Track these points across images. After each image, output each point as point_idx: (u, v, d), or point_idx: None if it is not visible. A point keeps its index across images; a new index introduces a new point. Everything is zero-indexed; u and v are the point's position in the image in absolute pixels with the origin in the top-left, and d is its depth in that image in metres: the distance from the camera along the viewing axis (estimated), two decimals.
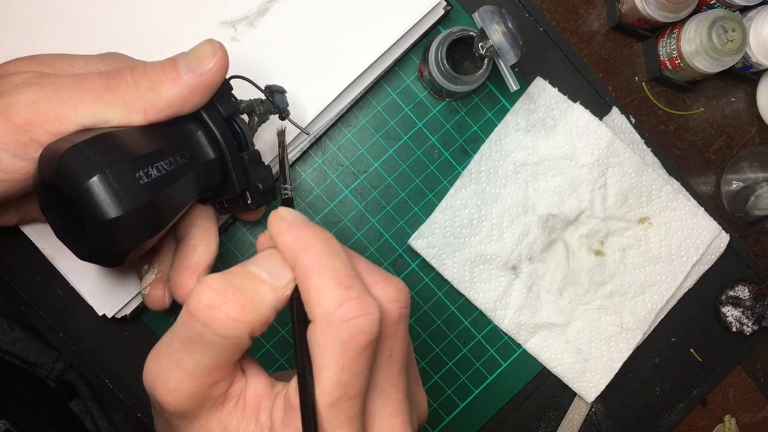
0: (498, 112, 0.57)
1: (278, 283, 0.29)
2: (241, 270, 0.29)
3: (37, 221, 0.48)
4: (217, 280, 0.28)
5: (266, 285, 0.29)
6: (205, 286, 0.27)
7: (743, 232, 0.62)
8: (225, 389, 0.30)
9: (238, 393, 0.30)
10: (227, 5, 0.51)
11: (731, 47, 0.54)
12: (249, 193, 0.42)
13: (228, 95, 0.41)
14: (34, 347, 0.63)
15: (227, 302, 0.27)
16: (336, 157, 0.56)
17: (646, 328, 0.58)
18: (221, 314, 0.27)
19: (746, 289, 0.60)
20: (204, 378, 0.28)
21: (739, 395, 0.63)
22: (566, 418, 0.59)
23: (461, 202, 0.56)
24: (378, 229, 0.56)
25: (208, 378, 0.28)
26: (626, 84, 0.60)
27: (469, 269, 0.56)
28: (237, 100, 0.41)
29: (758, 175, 0.60)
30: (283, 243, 0.29)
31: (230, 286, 0.28)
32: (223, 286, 0.27)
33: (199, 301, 0.27)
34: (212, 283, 0.27)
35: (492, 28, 0.46)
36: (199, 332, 0.27)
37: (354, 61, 0.51)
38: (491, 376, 0.58)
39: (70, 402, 0.66)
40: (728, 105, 0.62)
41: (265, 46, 0.51)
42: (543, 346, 0.58)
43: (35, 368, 0.63)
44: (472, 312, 0.58)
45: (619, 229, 0.58)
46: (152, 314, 0.54)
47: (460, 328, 0.58)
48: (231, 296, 0.27)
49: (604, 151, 0.56)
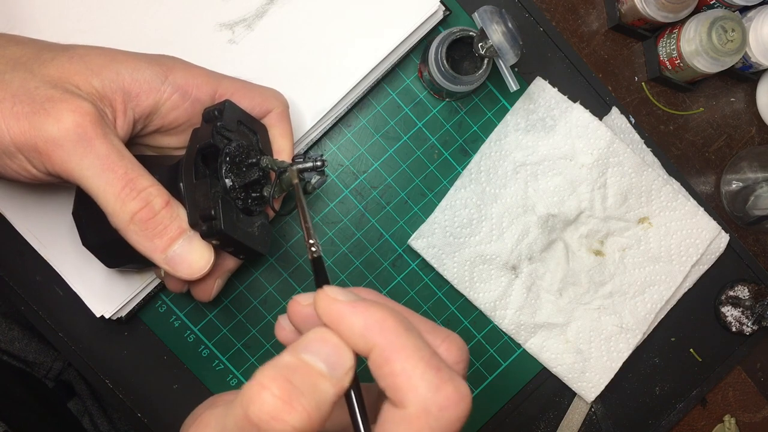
0: (498, 112, 0.57)
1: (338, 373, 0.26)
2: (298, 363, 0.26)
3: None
4: (279, 384, 0.24)
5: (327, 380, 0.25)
6: (267, 392, 0.24)
7: (743, 232, 0.62)
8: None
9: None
10: (225, 7, 0.51)
11: (731, 47, 0.54)
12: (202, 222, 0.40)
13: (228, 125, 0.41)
14: (33, 346, 0.63)
15: (293, 412, 0.24)
16: (336, 157, 0.56)
17: (645, 328, 0.58)
18: (287, 426, 0.24)
19: (746, 289, 0.60)
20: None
21: (738, 395, 0.63)
22: (566, 418, 0.59)
23: (461, 202, 0.56)
24: (378, 229, 0.56)
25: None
26: (626, 84, 0.60)
27: (468, 269, 0.56)
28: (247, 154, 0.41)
29: (758, 175, 0.60)
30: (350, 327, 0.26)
31: (293, 390, 0.24)
32: (286, 391, 0.24)
33: (261, 410, 0.24)
34: (273, 386, 0.24)
35: (492, 28, 0.46)
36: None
37: (352, 68, 0.51)
38: (491, 376, 0.58)
39: (69, 402, 0.66)
40: (728, 105, 0.62)
41: (263, 49, 0.51)
42: (543, 346, 0.58)
43: (33, 368, 0.63)
44: (472, 312, 0.58)
45: (619, 229, 0.58)
46: (152, 314, 0.54)
47: (460, 328, 0.58)
48: (296, 404, 0.24)
49: (604, 151, 0.56)
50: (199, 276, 0.40)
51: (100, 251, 0.45)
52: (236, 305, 0.55)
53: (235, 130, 0.41)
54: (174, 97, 0.41)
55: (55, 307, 0.53)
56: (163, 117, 0.42)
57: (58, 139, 0.36)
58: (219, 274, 0.45)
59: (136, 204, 0.38)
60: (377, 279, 0.57)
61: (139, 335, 0.54)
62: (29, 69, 0.37)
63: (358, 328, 0.26)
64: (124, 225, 0.38)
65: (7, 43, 0.39)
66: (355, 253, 0.56)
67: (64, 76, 0.38)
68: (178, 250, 0.39)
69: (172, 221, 0.39)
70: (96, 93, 0.39)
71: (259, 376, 0.25)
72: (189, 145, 0.41)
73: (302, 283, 0.56)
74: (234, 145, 0.41)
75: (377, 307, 0.27)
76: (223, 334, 0.55)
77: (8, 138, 0.36)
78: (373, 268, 0.56)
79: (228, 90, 0.43)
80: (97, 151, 0.37)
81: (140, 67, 0.40)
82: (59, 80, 0.37)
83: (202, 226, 0.39)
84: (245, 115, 0.43)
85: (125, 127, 0.40)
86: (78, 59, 0.39)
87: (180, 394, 0.55)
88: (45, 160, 0.37)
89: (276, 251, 0.56)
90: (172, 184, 0.40)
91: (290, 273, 0.56)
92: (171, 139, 0.44)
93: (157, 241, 0.39)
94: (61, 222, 0.50)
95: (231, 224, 0.39)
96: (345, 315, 0.27)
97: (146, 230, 0.38)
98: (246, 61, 0.51)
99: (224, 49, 0.51)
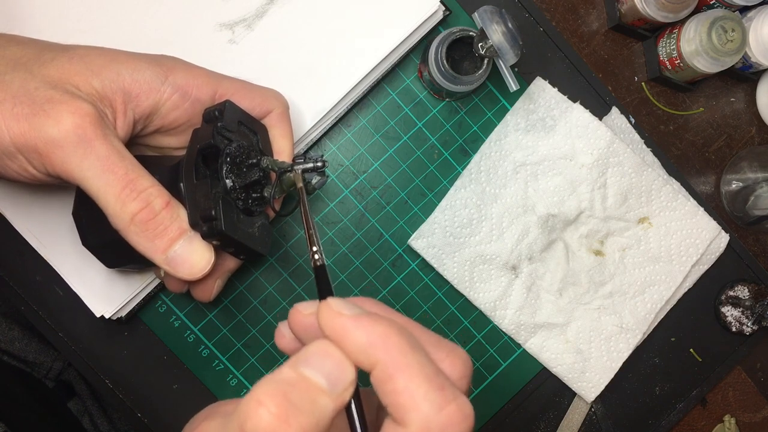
0: (498, 112, 0.57)
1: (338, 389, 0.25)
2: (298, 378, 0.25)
3: None
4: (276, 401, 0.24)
5: (327, 396, 0.25)
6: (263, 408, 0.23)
7: (743, 232, 0.62)
8: None
9: None
10: (225, 7, 0.51)
11: (731, 47, 0.54)
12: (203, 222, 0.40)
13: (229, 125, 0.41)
14: (33, 346, 0.63)
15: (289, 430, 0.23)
16: (336, 157, 0.56)
17: (645, 328, 0.58)
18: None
19: (746, 289, 0.60)
20: None
21: (738, 395, 0.63)
22: (566, 418, 0.59)
23: (461, 202, 0.56)
24: (378, 229, 0.56)
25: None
26: (626, 84, 0.60)
27: (468, 269, 0.56)
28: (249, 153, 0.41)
29: (758, 175, 0.60)
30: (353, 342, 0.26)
31: (290, 408, 0.24)
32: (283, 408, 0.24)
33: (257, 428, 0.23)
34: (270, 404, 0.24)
35: (492, 28, 0.46)
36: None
37: (352, 68, 0.51)
38: (491, 376, 0.58)
39: (69, 402, 0.66)
40: (728, 105, 0.62)
41: (263, 49, 0.51)
42: (543, 346, 0.58)
43: (33, 368, 0.63)
44: (472, 312, 0.58)
45: (619, 229, 0.58)
46: (152, 314, 0.54)
47: (460, 328, 0.58)
48: (293, 421, 0.23)
49: (604, 151, 0.56)
50: (200, 276, 0.40)
51: (100, 251, 0.45)
52: (236, 305, 0.55)
53: (235, 130, 0.41)
54: (174, 97, 0.41)
55: (55, 307, 0.53)
56: (164, 117, 0.42)
57: (58, 140, 0.36)
58: (219, 274, 0.45)
59: (137, 205, 0.38)
60: (377, 279, 0.57)
61: (139, 335, 0.54)
62: (29, 69, 0.37)
63: (361, 343, 0.26)
64: (124, 226, 0.38)
65: (8, 43, 0.39)
66: (355, 253, 0.56)
67: (64, 76, 0.38)
68: (178, 250, 0.39)
69: (172, 222, 0.39)
70: (96, 93, 0.39)
71: (257, 392, 0.24)
72: (189, 146, 0.41)
73: (302, 284, 0.56)
74: (234, 145, 0.41)
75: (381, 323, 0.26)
76: (223, 334, 0.55)
77: (8, 139, 0.36)
78: (373, 268, 0.56)
79: (228, 90, 0.43)
80: (98, 152, 0.37)
81: (140, 68, 0.40)
82: (59, 81, 0.38)
83: (203, 227, 0.39)
84: (245, 116, 0.43)
85: (125, 127, 0.40)
86: (78, 59, 0.39)
87: (180, 394, 0.55)
88: (45, 162, 0.37)
89: (276, 251, 0.56)
90: (172, 184, 0.40)
91: (290, 273, 0.56)
92: (171, 139, 0.44)
93: (157, 242, 0.39)
94: (61, 222, 0.50)
95: (232, 225, 0.39)
96: (348, 330, 0.26)
97: (147, 231, 0.38)
98: (246, 61, 0.51)
99: (224, 49, 0.51)
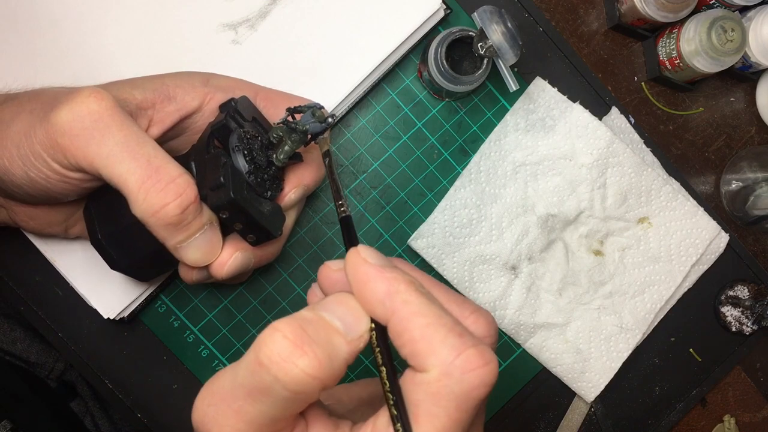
0: (497, 112, 0.57)
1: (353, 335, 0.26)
2: (314, 317, 0.26)
3: (80, 237, 0.47)
4: (292, 328, 0.25)
5: (341, 337, 0.26)
6: (279, 333, 0.24)
7: (742, 232, 0.62)
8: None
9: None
10: (228, 7, 0.51)
11: (730, 47, 0.54)
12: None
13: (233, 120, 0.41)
14: (35, 347, 0.63)
15: (304, 356, 0.24)
16: (335, 157, 0.56)
17: (645, 328, 0.58)
18: (296, 369, 0.24)
19: (745, 289, 0.60)
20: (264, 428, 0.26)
21: (738, 395, 0.63)
22: (566, 418, 0.59)
23: (461, 202, 0.56)
24: (378, 229, 0.56)
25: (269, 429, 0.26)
26: (626, 84, 0.60)
27: (468, 269, 0.56)
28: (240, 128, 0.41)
29: (757, 175, 0.60)
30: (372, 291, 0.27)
31: (306, 336, 0.25)
32: (299, 336, 0.24)
33: (272, 351, 0.24)
34: (286, 330, 0.25)
35: (491, 28, 0.46)
36: (267, 384, 0.24)
37: (354, 67, 0.51)
38: None
39: (71, 402, 0.66)
40: (728, 105, 0.62)
41: (266, 49, 0.51)
42: (542, 346, 0.58)
43: (36, 368, 0.63)
44: None
45: (619, 229, 0.58)
46: (152, 314, 0.54)
47: None
48: (308, 349, 0.24)
49: (604, 151, 0.56)
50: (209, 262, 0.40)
51: (107, 249, 0.44)
52: (236, 305, 0.55)
53: (249, 121, 0.42)
54: (218, 95, 0.42)
55: (55, 308, 0.53)
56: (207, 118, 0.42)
57: (72, 125, 0.35)
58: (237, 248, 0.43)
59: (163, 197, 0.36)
60: None
61: (139, 335, 0.55)
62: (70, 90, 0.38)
63: (381, 293, 0.27)
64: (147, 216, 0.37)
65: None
66: None
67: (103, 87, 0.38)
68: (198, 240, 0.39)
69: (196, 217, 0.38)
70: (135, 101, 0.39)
71: (277, 324, 0.25)
72: (203, 133, 0.42)
73: (302, 284, 0.56)
74: (246, 127, 0.41)
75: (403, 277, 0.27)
76: (223, 334, 0.55)
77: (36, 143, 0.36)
78: None
79: (268, 95, 0.44)
80: (115, 136, 0.35)
81: (181, 75, 0.42)
82: None
83: (212, 198, 0.38)
84: (260, 115, 0.44)
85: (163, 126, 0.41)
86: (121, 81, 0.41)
87: (179, 394, 0.55)
88: (67, 154, 0.36)
89: None
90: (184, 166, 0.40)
91: (290, 273, 0.56)
92: None
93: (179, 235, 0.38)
94: None
95: (241, 194, 0.39)
96: (371, 278, 0.27)
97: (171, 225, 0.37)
98: (249, 61, 0.51)
99: (227, 50, 0.51)
